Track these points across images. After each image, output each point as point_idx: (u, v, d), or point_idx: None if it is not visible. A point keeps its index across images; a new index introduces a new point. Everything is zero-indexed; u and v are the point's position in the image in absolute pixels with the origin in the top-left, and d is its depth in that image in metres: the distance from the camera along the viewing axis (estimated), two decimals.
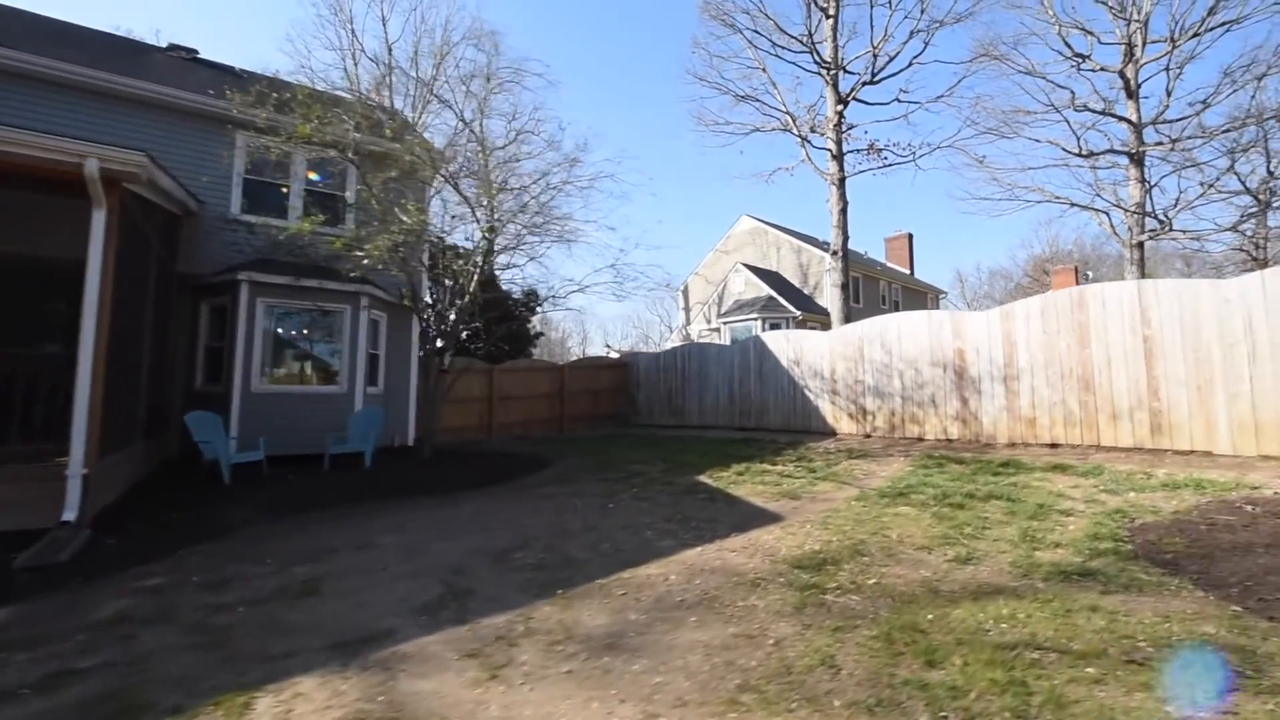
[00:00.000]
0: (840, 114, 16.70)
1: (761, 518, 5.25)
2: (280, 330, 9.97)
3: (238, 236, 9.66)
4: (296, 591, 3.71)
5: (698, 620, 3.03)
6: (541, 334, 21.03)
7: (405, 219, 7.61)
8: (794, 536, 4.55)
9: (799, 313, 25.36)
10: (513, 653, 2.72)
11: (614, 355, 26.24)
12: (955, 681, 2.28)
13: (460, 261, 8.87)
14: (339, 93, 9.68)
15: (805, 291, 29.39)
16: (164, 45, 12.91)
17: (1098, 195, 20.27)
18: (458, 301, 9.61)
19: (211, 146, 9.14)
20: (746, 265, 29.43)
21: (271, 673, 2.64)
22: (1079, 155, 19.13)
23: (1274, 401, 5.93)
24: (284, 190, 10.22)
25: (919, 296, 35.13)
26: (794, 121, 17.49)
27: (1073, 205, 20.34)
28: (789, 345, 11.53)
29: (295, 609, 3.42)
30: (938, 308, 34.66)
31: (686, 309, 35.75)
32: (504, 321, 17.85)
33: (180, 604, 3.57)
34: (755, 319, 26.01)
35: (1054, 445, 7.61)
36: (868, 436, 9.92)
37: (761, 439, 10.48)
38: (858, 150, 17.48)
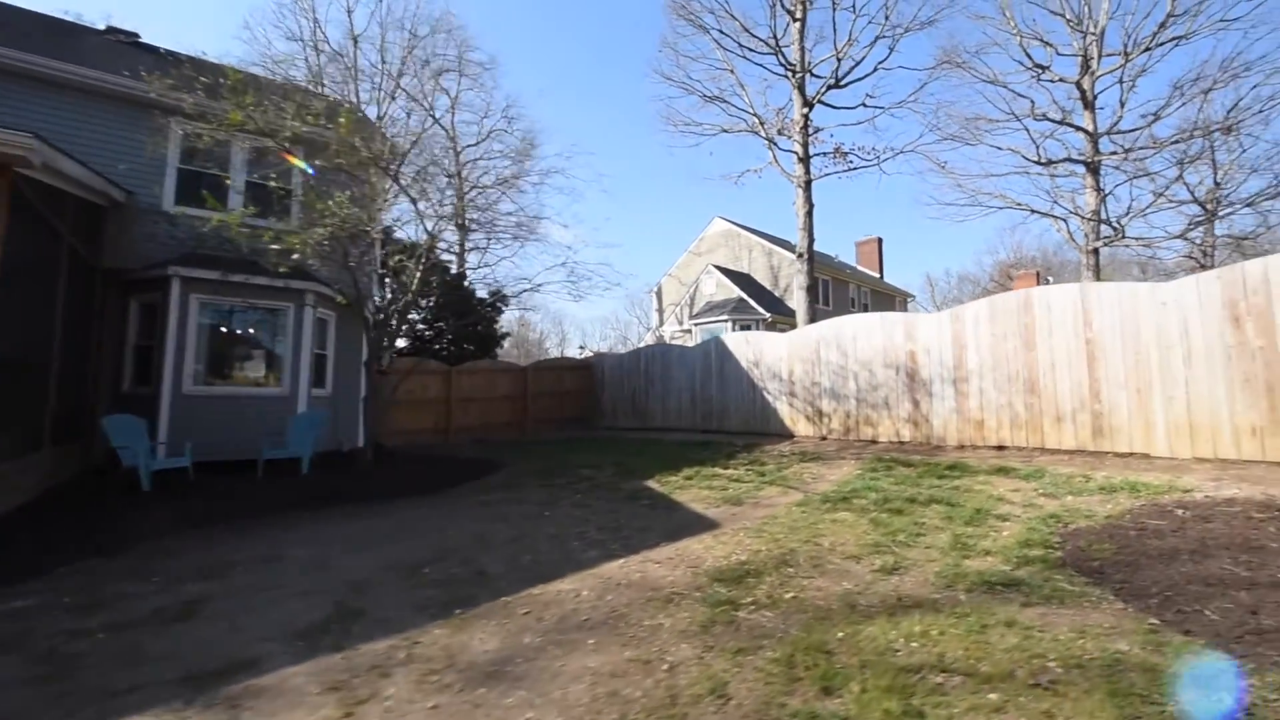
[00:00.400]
0: (806, 117, 16.73)
1: (697, 525, 5.07)
2: (217, 329, 9.49)
3: (175, 230, 9.14)
4: (173, 614, 3.39)
5: (595, 643, 2.81)
6: (509, 334, 20.63)
7: (337, 211, 7.24)
8: (724, 545, 4.37)
9: (769, 315, 25.42)
10: (381, 685, 2.47)
11: (587, 355, 25.93)
12: (848, 712, 2.11)
13: (401, 257, 8.51)
14: (295, 81, 9.23)
15: (776, 294, 29.51)
16: (102, 28, 12.26)
17: (1056, 203, 20.86)
18: (400, 299, 9.24)
19: (140, 134, 8.63)
20: (718, 267, 29.43)
21: (103, 712, 2.35)
22: (1038, 163, 19.62)
23: (1208, 404, 5.97)
24: (225, 182, 9.73)
25: (888, 300, 35.59)
26: (761, 124, 17.49)
27: (1033, 212, 20.88)
28: (749, 347, 11.42)
29: (163, 635, 3.11)
30: (905, 311, 35.18)
31: (660, 310, 35.64)
32: (463, 319, 17.48)
33: (38, 629, 3.22)
34: (726, 320, 25.99)
35: (1001, 447, 7.61)
36: (823, 439, 9.85)
37: (720, 442, 10.34)
38: (824, 153, 17.56)
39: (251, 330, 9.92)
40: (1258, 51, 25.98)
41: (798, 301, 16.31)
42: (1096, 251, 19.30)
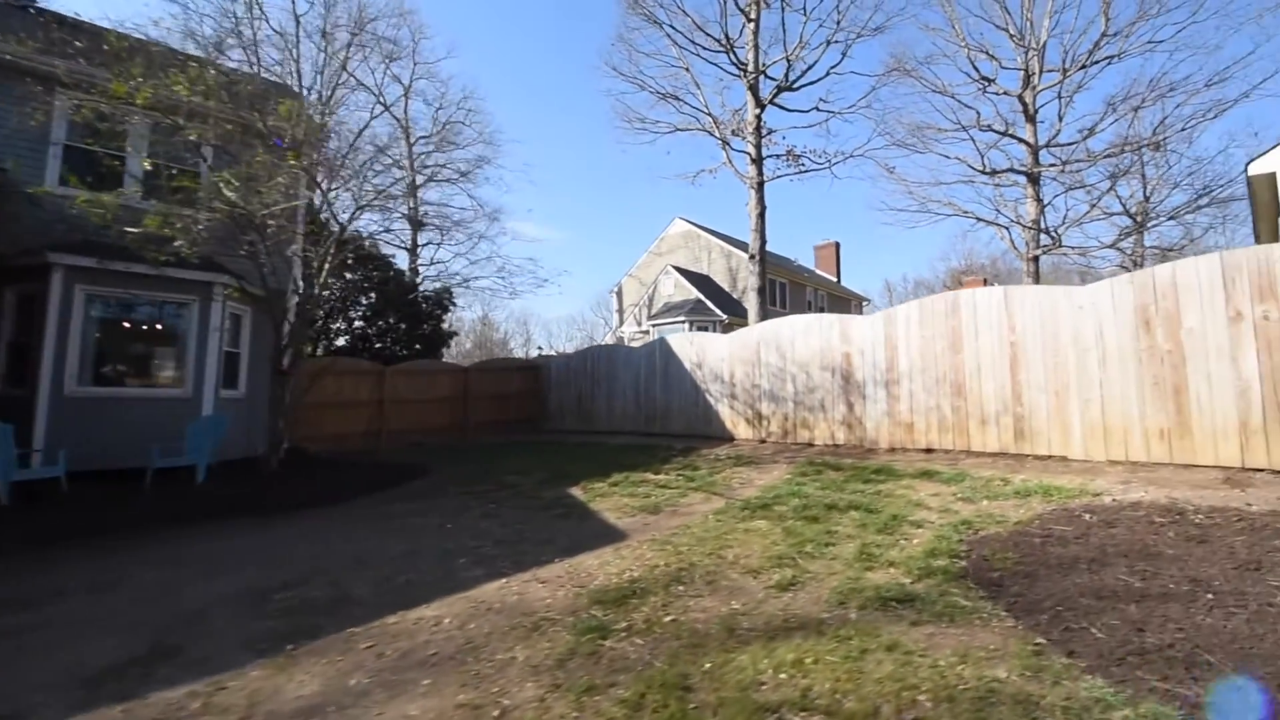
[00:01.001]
0: (759, 118, 16.68)
1: (604, 537, 4.76)
2: (108, 323, 8.68)
3: (60, 213, 8.29)
4: None
5: (430, 684, 2.46)
6: (455, 333, 19.94)
7: (230, 194, 6.65)
8: (622, 560, 4.07)
9: (725, 317, 25.41)
10: None
11: (536, 356, 25.36)
12: None
13: (310, 250, 7.94)
14: (226, 63, 8.51)
15: (734, 295, 29.57)
16: None
17: (1000, 212, 21.56)
18: (312, 293, 8.64)
19: (11, 104, 7.79)
20: (676, 268, 29.31)
21: None
22: (983, 172, 20.22)
23: (1120, 407, 6.01)
24: (117, 163, 8.92)
25: (844, 303, 36.19)
26: (716, 124, 17.39)
27: (978, 220, 21.53)
28: (692, 349, 11.21)
29: None
30: (860, 314, 35.84)
31: (620, 310, 35.33)
32: (407, 317, 16.77)
33: None
34: (683, 322, 25.87)
35: (929, 450, 7.57)
36: (762, 442, 9.70)
37: (660, 445, 10.08)
38: (777, 155, 17.61)
39: (149, 326, 9.12)
40: (1181, 73, 27.45)
41: (750, 303, 16.25)
42: (1037, 259, 20.00)
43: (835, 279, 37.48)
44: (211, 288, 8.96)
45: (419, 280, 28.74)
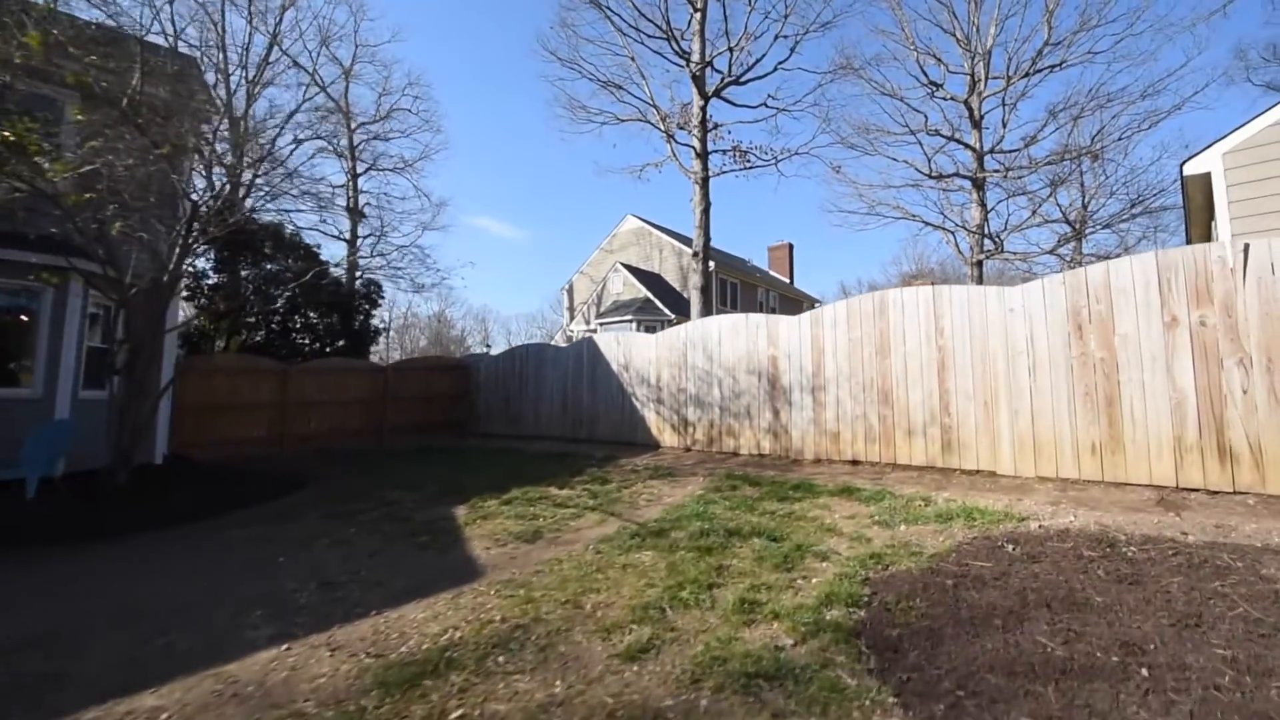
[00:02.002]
0: (704, 110, 16.09)
1: (453, 576, 3.94)
2: None
3: None
4: None
5: None
6: (381, 330, 18.62)
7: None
8: (456, 612, 3.26)
9: (674, 316, 24.83)
10: None
11: (478, 354, 24.18)
12: None
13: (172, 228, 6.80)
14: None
15: (684, 295, 29.04)
16: None
17: (946, 216, 21.79)
18: (160, 278, 7.48)
19: None
20: (625, 265, 28.58)
21: None
22: (930, 176, 20.31)
23: (1051, 419, 5.58)
24: None
25: (795, 304, 36.23)
26: (661, 116, 16.73)
27: (925, 224, 21.70)
28: (619, 349, 10.47)
29: None
30: None
31: (571, 308, 34.38)
32: (334, 312, 15.44)
33: None
34: (631, 321, 25.18)
35: (855, 462, 7.04)
36: (687, 450, 9.04)
37: (580, 453, 9.28)
38: (723, 150, 17.12)
39: None
40: (1119, 83, 28.53)
41: (693, 302, 15.67)
42: (980, 264, 20.21)
43: (788, 280, 37.54)
44: (68, 273, 7.68)
45: (358, 274, 27.10)
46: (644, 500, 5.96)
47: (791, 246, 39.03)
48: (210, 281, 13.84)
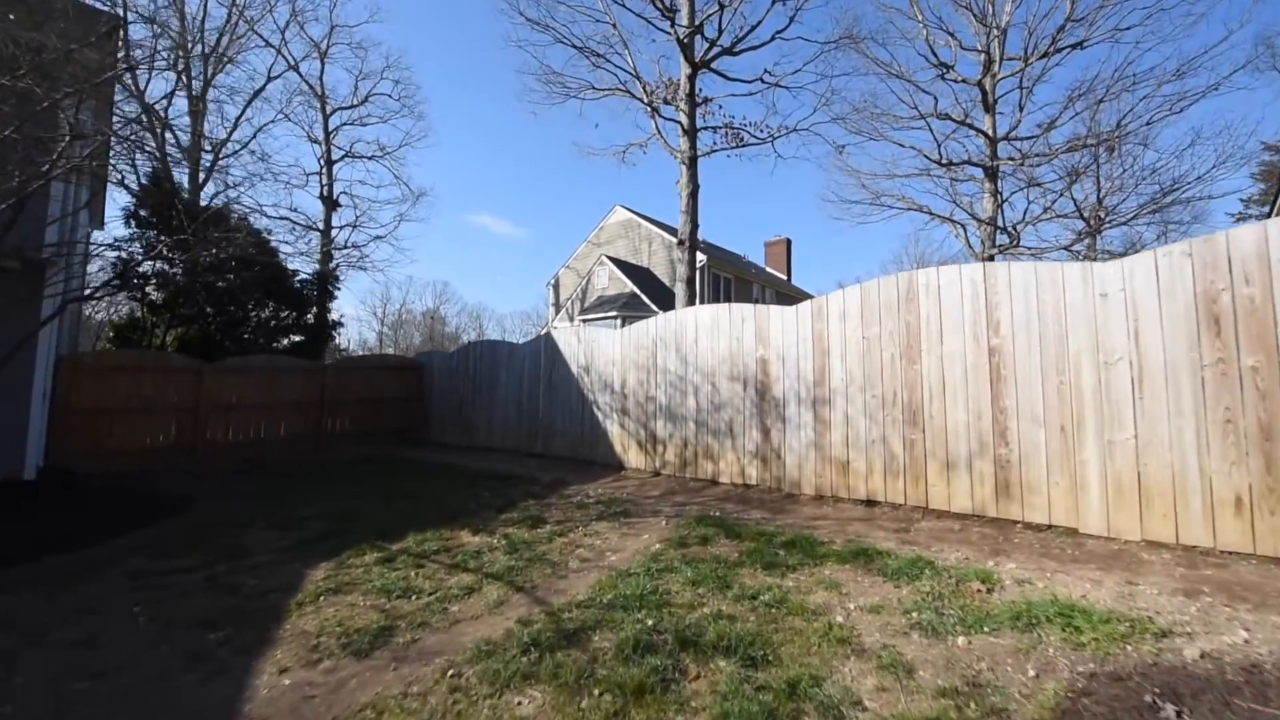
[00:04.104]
0: (692, 81, 14.25)
1: None
2: None
3: None
4: None
5: None
6: (340, 323, 16.74)
7: None
8: None
9: (662, 312, 23.00)
10: None
11: (431, 351, 22.30)
12: None
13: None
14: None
15: (674, 290, 27.25)
16: None
17: (957, 205, 20.07)
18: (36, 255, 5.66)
19: None
20: (611, 258, 26.75)
21: None
22: (940, 163, 18.59)
23: (1165, 456, 3.79)
24: None
25: (793, 302, 34.44)
26: (645, 88, 14.90)
27: (933, 215, 19.98)
28: (580, 347, 8.65)
29: None
30: None
31: (556, 304, 32.57)
32: (286, 303, 13.58)
33: None
34: (615, 317, 23.35)
35: (871, 502, 5.24)
36: (655, 474, 7.23)
37: (527, 474, 7.47)
38: (713, 127, 15.33)
39: None
40: (1147, 62, 26.64)
41: (678, 296, 13.88)
42: (992, 259, 18.40)
43: (785, 277, 35.74)
44: None
45: (334, 265, 25.18)
46: (578, 560, 4.15)
47: (789, 241, 37.25)
48: (142, 269, 11.98)
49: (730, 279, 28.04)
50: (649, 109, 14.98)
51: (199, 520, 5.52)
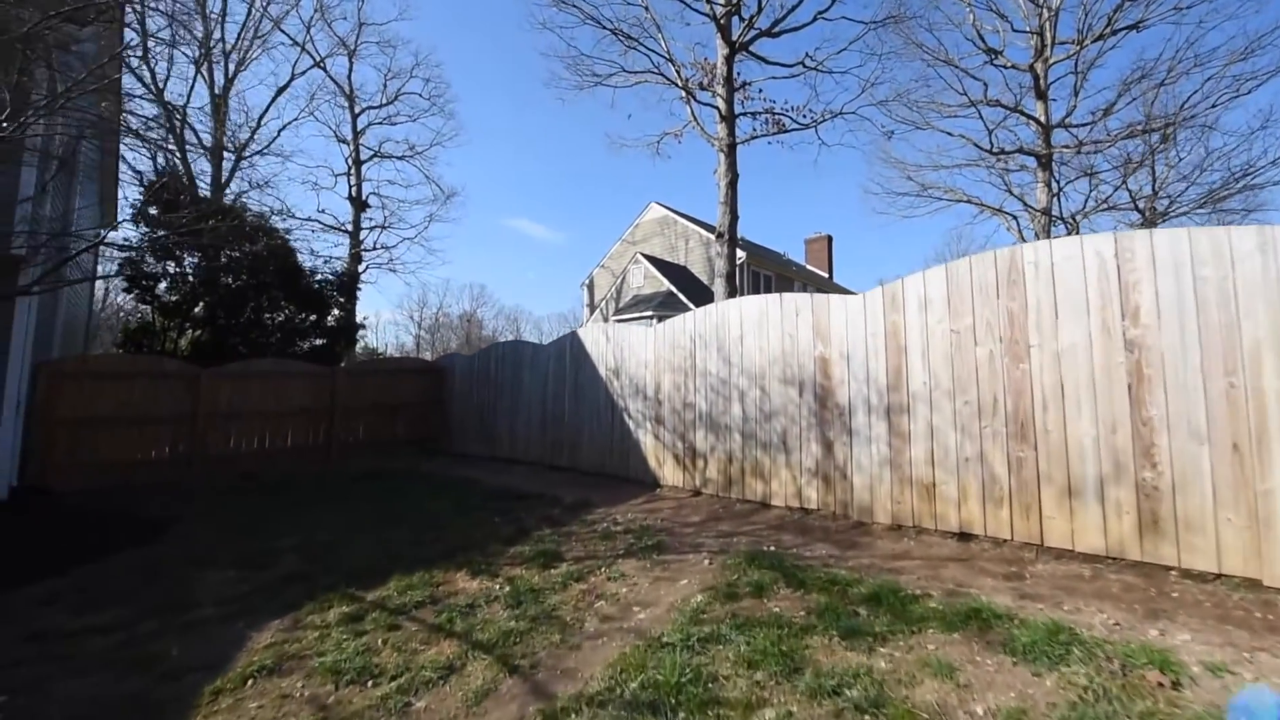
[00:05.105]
0: (730, 63, 13.33)
1: None
2: None
3: None
4: None
5: None
6: (363, 326, 16.50)
7: None
8: None
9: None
10: None
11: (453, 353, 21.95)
12: None
13: None
14: None
15: (712, 288, 26.26)
16: None
17: (1009, 193, 18.60)
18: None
19: None
20: (646, 256, 25.97)
21: None
22: (991, 152, 17.21)
23: None
24: None
25: None
26: (679, 72, 14.06)
27: (983, 207, 18.56)
28: (609, 347, 7.86)
29: None
30: None
31: (591, 305, 32.03)
32: (306, 305, 13.32)
33: None
34: (651, 316, 22.53)
35: (965, 535, 4.25)
36: (695, 494, 6.36)
37: (548, 493, 6.71)
38: (753, 113, 14.36)
39: None
40: (1210, 43, 24.19)
41: (716, 292, 12.96)
42: None
43: (827, 274, 34.25)
44: None
45: (363, 266, 25.24)
46: (596, 619, 3.32)
47: (830, 239, 35.72)
48: (150, 268, 11.82)
49: (770, 276, 26.87)
50: (684, 94, 14.11)
51: (159, 553, 4.85)
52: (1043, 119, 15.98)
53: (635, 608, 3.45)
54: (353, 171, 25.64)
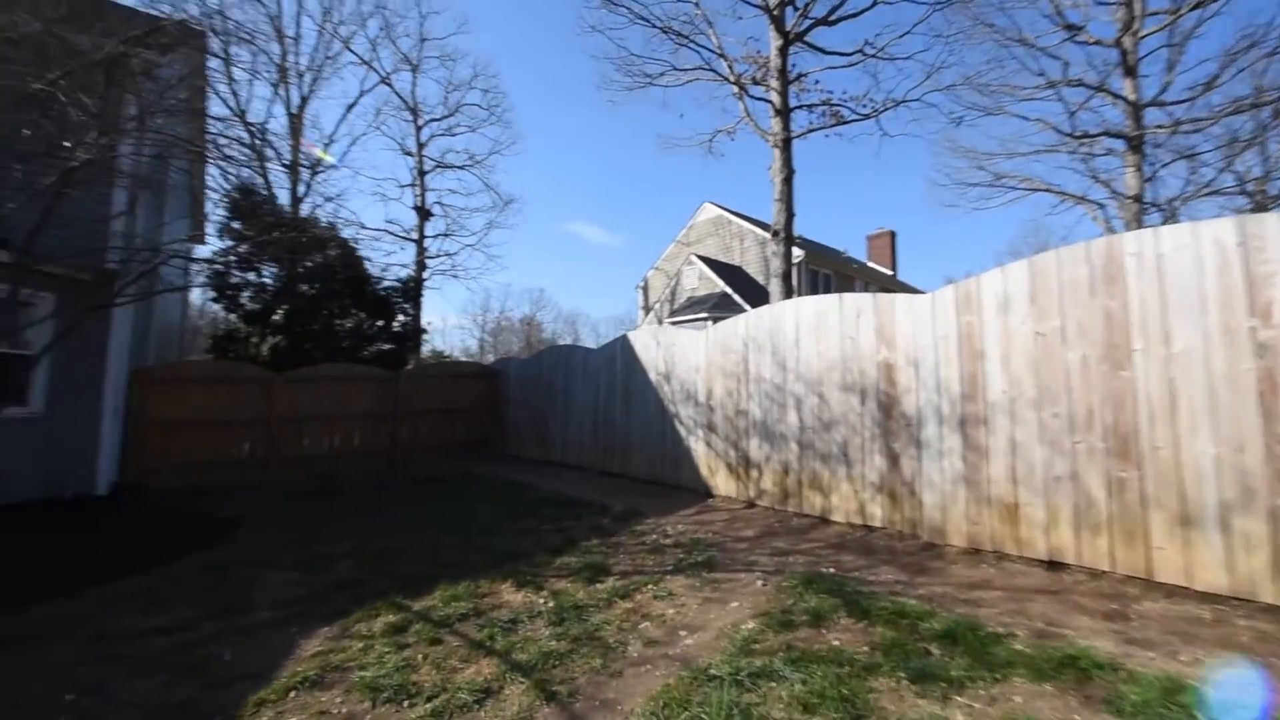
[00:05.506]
0: (784, 54, 12.89)
1: None
2: None
3: None
4: None
5: None
6: (425, 330, 17.08)
7: None
8: None
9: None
10: None
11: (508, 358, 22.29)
12: None
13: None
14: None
15: (769, 289, 25.61)
16: None
17: (1094, 182, 16.99)
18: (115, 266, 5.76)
19: None
20: (701, 257, 25.63)
21: None
22: (1073, 136, 15.78)
23: None
24: None
25: None
26: (731, 67, 13.74)
27: (1064, 196, 17.06)
28: (659, 352, 7.69)
29: None
30: None
31: (645, 307, 32.00)
32: (373, 311, 13.96)
33: None
34: (705, 318, 22.18)
35: (1054, 564, 3.78)
36: (749, 505, 6.08)
37: (597, 501, 6.61)
38: (809, 106, 13.86)
39: None
40: None
41: (772, 293, 12.55)
42: None
43: (891, 272, 32.65)
44: None
45: (427, 273, 26.27)
46: (640, 642, 3.15)
47: (894, 234, 34.02)
48: (235, 279, 12.73)
49: (829, 274, 25.90)
50: (737, 90, 13.75)
51: (228, 553, 5.06)
52: (1132, 98, 14.51)
53: (682, 631, 3.26)
54: (417, 182, 26.71)
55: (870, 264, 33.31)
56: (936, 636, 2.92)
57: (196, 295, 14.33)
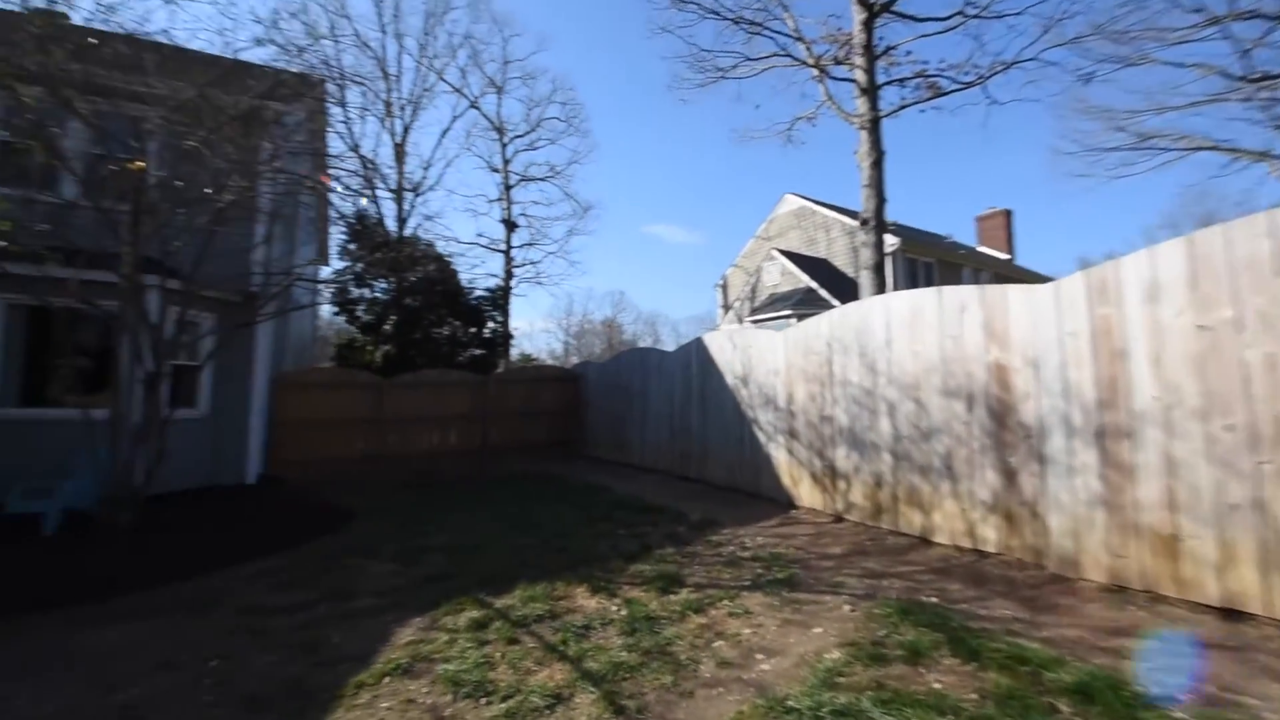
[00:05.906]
0: (868, 27, 12.01)
1: None
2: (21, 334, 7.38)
3: None
4: None
5: None
6: (511, 336, 17.66)
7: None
8: None
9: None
10: None
11: (587, 361, 22.46)
12: None
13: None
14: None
15: (857, 281, 24.12)
16: None
17: (1279, 132, 14.24)
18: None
19: None
20: (782, 252, 24.61)
21: None
22: (1248, 80, 13.30)
23: None
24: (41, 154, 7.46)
25: None
26: (807, 48, 13.01)
27: (1238, 153, 14.41)
28: (735, 354, 7.31)
29: None
30: None
31: (725, 305, 31.37)
32: (465, 319, 14.72)
33: None
34: (789, 315, 21.27)
35: (1232, 613, 3.05)
36: (837, 519, 5.57)
37: (673, 508, 6.38)
38: (900, 80, 12.78)
39: (68, 336, 7.71)
40: None
41: (861, 286, 11.72)
42: None
43: (1007, 256, 29.45)
44: (143, 292, 7.17)
45: (514, 282, 27.39)
46: (714, 661, 2.90)
47: (1009, 214, 30.63)
48: (352, 295, 13.93)
49: (931, 263, 23.88)
50: (817, 73, 12.96)
51: (341, 542, 5.50)
52: None
53: (758, 655, 2.96)
54: (504, 196, 27.84)
55: (981, 248, 30.36)
56: (1066, 690, 2.41)
57: (325, 309, 16.00)
